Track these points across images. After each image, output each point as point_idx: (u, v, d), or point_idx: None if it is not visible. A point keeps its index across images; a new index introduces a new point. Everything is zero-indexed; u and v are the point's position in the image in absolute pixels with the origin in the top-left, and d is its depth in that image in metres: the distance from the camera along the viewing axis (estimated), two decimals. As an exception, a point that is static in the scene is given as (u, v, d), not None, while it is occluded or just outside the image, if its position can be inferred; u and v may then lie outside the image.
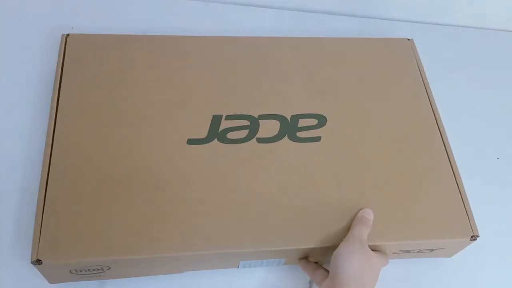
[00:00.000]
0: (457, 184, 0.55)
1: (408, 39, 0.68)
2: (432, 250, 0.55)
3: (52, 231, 0.46)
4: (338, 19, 0.81)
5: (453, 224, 0.53)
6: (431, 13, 0.83)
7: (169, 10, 0.73)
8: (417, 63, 0.65)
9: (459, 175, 0.56)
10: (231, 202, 0.51)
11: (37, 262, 0.45)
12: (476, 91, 0.76)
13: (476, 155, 0.68)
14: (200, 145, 0.54)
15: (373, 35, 0.71)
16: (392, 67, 0.65)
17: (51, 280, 0.49)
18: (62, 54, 0.58)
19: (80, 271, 0.47)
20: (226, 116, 0.56)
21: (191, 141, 0.54)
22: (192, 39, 0.63)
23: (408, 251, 0.54)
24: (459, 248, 0.56)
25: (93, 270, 0.48)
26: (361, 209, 0.52)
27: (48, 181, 0.49)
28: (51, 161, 0.50)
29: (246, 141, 0.55)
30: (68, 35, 0.60)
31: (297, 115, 0.58)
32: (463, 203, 0.54)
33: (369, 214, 0.51)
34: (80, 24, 0.68)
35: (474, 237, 0.53)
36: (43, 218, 0.47)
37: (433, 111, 0.61)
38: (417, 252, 0.55)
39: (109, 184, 0.50)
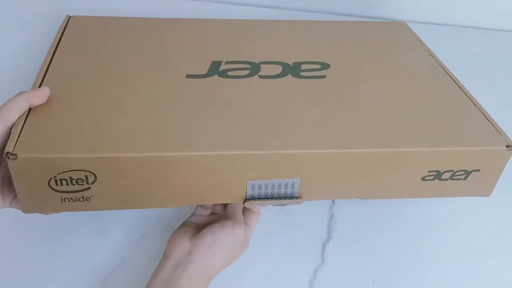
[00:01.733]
0: (474, 104, 0.53)
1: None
2: (467, 173, 0.48)
3: (35, 130, 0.41)
4: (338, 19, 0.83)
5: (482, 134, 0.48)
6: (431, 13, 0.85)
7: (170, 10, 0.76)
8: (414, 35, 0.66)
9: (474, 98, 0.54)
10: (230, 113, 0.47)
11: (12, 156, 0.39)
12: (476, 91, 0.74)
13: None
14: (199, 78, 0.52)
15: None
16: (390, 35, 0.66)
17: (26, 205, 0.42)
18: (62, 30, 0.59)
19: (61, 182, 0.41)
20: (226, 61, 0.55)
21: (190, 76, 0.52)
22: (191, 20, 0.65)
23: (440, 174, 0.47)
24: (497, 172, 0.49)
25: (76, 182, 0.41)
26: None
27: (43, 81, 0.48)
28: (46, 74, 0.49)
29: (248, 77, 0.53)
30: (71, 16, 0.62)
31: (299, 62, 0.56)
32: (487, 119, 0.50)
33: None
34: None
35: (510, 147, 0.47)
36: (28, 116, 0.43)
37: (436, 60, 0.60)
38: (450, 178, 0.48)
39: (101, 100, 0.47)
